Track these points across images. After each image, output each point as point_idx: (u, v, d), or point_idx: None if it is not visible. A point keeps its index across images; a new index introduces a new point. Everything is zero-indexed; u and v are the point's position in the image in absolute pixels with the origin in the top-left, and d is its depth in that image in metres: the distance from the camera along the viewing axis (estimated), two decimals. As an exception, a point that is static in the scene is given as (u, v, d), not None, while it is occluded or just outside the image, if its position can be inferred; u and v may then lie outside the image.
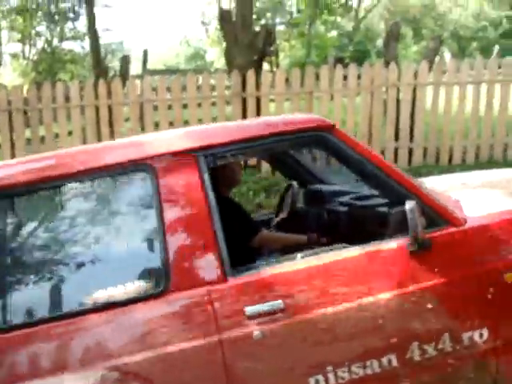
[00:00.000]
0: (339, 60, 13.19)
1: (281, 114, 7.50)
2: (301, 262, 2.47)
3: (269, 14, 27.81)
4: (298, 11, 27.84)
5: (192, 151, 2.52)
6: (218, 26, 13.70)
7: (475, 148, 8.42)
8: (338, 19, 28.22)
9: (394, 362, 2.44)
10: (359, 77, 8.26)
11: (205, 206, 2.43)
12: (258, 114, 8.23)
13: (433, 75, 8.27)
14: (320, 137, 2.63)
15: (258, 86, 8.19)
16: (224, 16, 9.29)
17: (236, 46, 8.75)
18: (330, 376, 2.40)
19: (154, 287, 2.38)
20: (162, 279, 2.36)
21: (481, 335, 2.51)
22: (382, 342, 2.45)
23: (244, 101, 8.25)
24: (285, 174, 4.24)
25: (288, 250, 2.82)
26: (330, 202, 3.42)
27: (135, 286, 2.37)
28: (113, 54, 27.62)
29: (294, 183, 3.89)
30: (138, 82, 8.89)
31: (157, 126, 8.33)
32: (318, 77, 8.28)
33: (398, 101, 8.29)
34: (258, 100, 8.23)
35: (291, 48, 26.23)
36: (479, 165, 7.82)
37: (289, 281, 2.42)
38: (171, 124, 8.22)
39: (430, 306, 2.46)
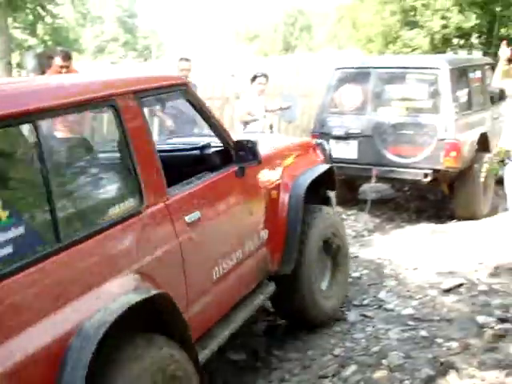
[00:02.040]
0: None
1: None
2: (198, 184, 3.38)
3: None
4: None
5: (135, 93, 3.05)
6: None
7: None
8: None
9: (240, 255, 3.63)
10: None
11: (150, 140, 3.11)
12: None
13: None
14: (184, 91, 3.44)
15: None
16: None
17: None
18: (220, 267, 3.41)
19: (137, 206, 2.90)
20: (141, 199, 2.92)
21: (265, 233, 3.96)
22: (237, 241, 3.64)
23: None
24: None
25: None
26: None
27: (124, 207, 2.84)
28: None
29: None
30: None
31: None
32: None
33: None
34: None
35: None
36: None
37: (201, 195, 3.32)
38: None
39: (251, 213, 3.83)
